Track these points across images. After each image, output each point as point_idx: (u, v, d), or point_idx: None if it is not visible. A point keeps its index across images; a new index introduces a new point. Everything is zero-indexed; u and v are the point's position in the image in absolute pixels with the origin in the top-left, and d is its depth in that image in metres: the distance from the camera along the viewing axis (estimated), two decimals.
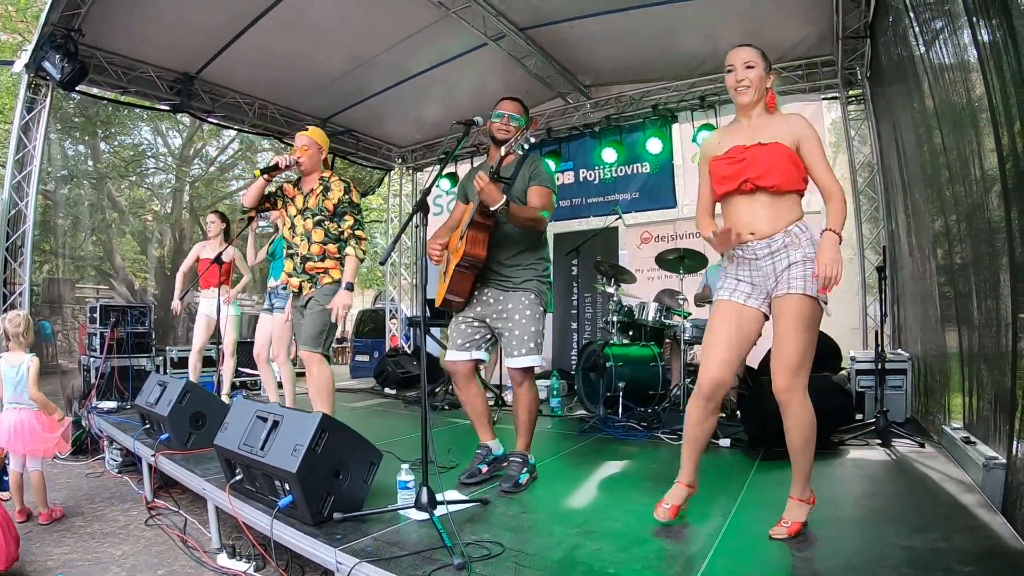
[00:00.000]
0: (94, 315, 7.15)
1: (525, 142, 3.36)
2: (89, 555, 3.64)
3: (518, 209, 3.42)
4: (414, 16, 6.75)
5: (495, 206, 3.27)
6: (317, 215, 4.28)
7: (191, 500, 4.43)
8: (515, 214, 3.39)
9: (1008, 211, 2.84)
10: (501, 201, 3.26)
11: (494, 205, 3.27)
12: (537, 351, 3.54)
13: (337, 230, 4.30)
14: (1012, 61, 2.47)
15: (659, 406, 6.00)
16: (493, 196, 3.26)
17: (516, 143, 3.37)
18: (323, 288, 4.25)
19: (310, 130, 4.49)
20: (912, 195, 5.38)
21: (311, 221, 4.29)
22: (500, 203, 3.26)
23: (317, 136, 4.46)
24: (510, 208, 3.33)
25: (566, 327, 9.87)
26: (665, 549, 2.65)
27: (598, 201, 9.57)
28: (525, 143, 3.36)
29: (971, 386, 3.96)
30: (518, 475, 3.55)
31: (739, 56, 2.80)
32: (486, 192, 3.25)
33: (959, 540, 2.67)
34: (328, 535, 2.76)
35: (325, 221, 4.28)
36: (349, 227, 4.29)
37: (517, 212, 3.40)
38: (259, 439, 3.08)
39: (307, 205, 4.32)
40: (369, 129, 10.49)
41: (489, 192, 3.25)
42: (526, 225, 3.48)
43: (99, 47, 7.02)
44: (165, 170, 18.33)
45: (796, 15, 6.71)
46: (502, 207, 3.28)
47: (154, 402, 4.66)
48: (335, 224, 4.30)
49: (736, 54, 2.81)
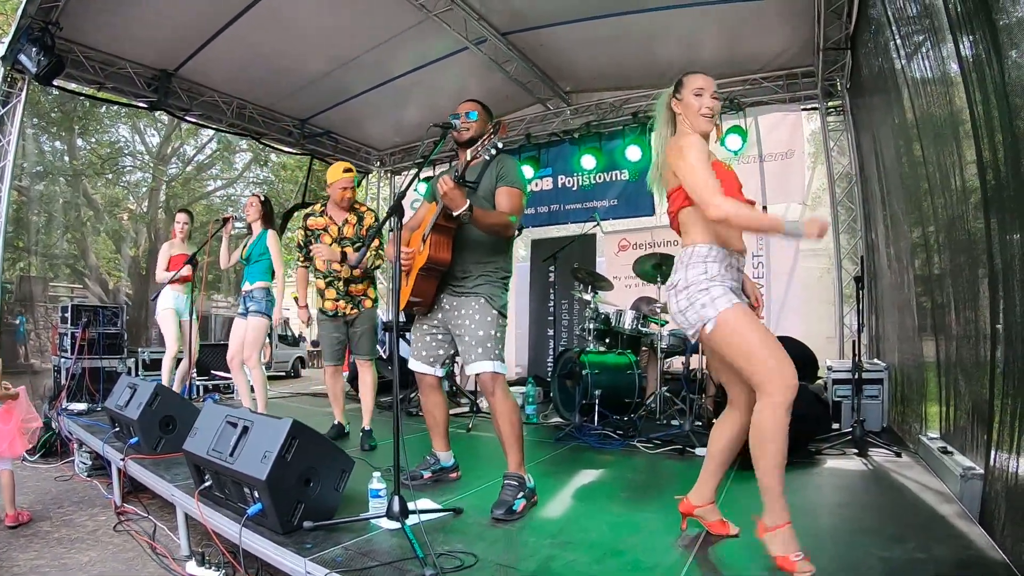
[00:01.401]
0: (66, 315, 7.04)
1: (492, 147, 3.24)
2: (56, 561, 3.55)
3: (483, 214, 3.28)
4: (395, 18, 6.71)
5: (458, 211, 3.13)
6: (356, 242, 4.90)
7: (161, 505, 4.34)
8: (480, 219, 3.24)
9: (988, 222, 2.84)
10: (464, 207, 3.12)
11: (457, 210, 3.13)
12: (488, 355, 3.36)
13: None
14: (996, 74, 2.47)
15: (635, 414, 5.97)
16: (456, 201, 3.11)
17: (484, 148, 3.26)
18: (367, 311, 5.11)
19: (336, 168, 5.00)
20: (891, 206, 5.41)
21: (351, 248, 4.88)
22: (463, 208, 3.12)
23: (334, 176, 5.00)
24: (474, 213, 3.18)
25: (542, 334, 9.83)
26: (640, 560, 2.61)
27: (576, 208, 9.59)
28: (492, 148, 3.24)
29: (948, 396, 3.98)
30: (512, 500, 3.21)
31: (713, 84, 2.79)
32: (449, 197, 3.11)
33: (938, 550, 2.67)
34: (298, 544, 2.70)
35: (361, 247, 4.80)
36: (375, 248, 4.88)
37: (482, 217, 3.26)
38: (228, 445, 3.01)
39: (344, 235, 4.95)
40: (348, 131, 10.43)
41: (452, 197, 3.11)
42: (492, 230, 3.38)
43: (77, 41, 6.93)
44: (142, 168, 18.14)
45: (777, 26, 6.76)
46: (465, 212, 3.13)
47: (124, 405, 4.56)
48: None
49: (712, 82, 2.80)
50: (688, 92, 2.79)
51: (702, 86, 2.78)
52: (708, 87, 2.78)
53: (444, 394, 3.84)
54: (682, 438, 5.07)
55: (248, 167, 19.51)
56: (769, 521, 2.47)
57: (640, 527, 3.09)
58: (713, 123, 2.79)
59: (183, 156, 18.85)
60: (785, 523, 2.43)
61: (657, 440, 5.14)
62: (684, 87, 2.81)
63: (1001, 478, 2.80)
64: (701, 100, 2.76)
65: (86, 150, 16.87)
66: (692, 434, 5.09)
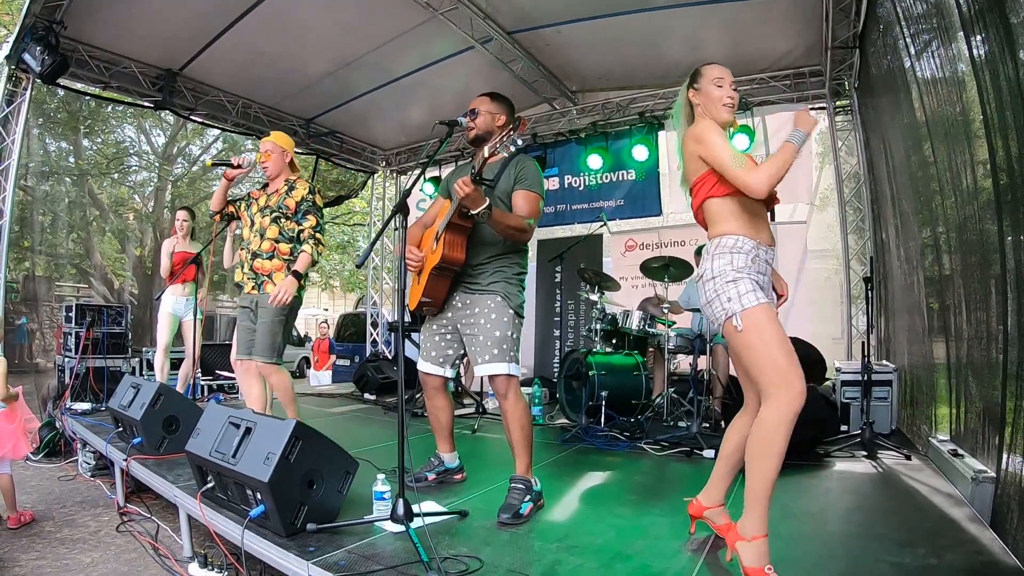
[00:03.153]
0: (70, 314, 7.02)
1: (512, 143, 3.08)
2: (58, 562, 3.53)
3: (502, 215, 3.18)
4: (400, 17, 6.69)
5: (476, 210, 3.02)
6: (275, 212, 4.29)
7: (164, 506, 4.30)
8: (498, 220, 3.14)
9: (1001, 222, 2.80)
10: (483, 206, 3.01)
11: (475, 210, 3.02)
12: (503, 357, 3.25)
13: (294, 230, 4.29)
14: (1009, 71, 2.43)
15: (642, 416, 5.94)
16: (476, 202, 3.00)
17: (502, 144, 3.12)
18: (266, 297, 4.18)
19: (272, 135, 4.53)
20: (900, 206, 5.36)
21: (268, 218, 4.29)
22: (482, 207, 3.01)
23: (280, 140, 4.50)
24: (493, 214, 3.08)
25: (548, 334, 9.81)
26: (649, 565, 2.57)
27: (583, 208, 9.54)
28: (512, 144, 3.09)
29: (958, 398, 3.94)
30: (519, 504, 3.14)
31: (729, 75, 2.76)
32: (470, 198, 2.98)
33: (950, 556, 2.62)
34: (301, 547, 2.67)
35: (282, 218, 4.28)
36: (311, 227, 4.29)
37: (501, 219, 3.15)
38: (231, 446, 2.97)
39: (268, 203, 4.34)
40: (353, 131, 10.41)
41: (473, 198, 2.99)
42: (508, 233, 3.25)
43: (81, 40, 6.92)
44: (147, 168, 18.17)
45: (784, 25, 6.71)
46: (484, 211, 3.02)
47: (127, 405, 4.53)
48: (293, 223, 4.30)
49: (727, 71, 2.77)
50: (707, 82, 2.74)
51: (721, 75, 2.73)
52: (727, 77, 2.73)
53: (450, 397, 3.77)
54: (689, 440, 5.02)
55: (254, 167, 19.46)
56: (748, 531, 2.39)
57: (647, 531, 3.05)
58: (733, 114, 2.73)
59: (189, 156, 18.87)
60: (764, 535, 2.36)
61: (664, 442, 5.10)
62: (703, 77, 2.76)
63: (1014, 481, 2.76)
64: (722, 90, 2.71)
65: (92, 150, 16.91)
66: (700, 436, 5.04)
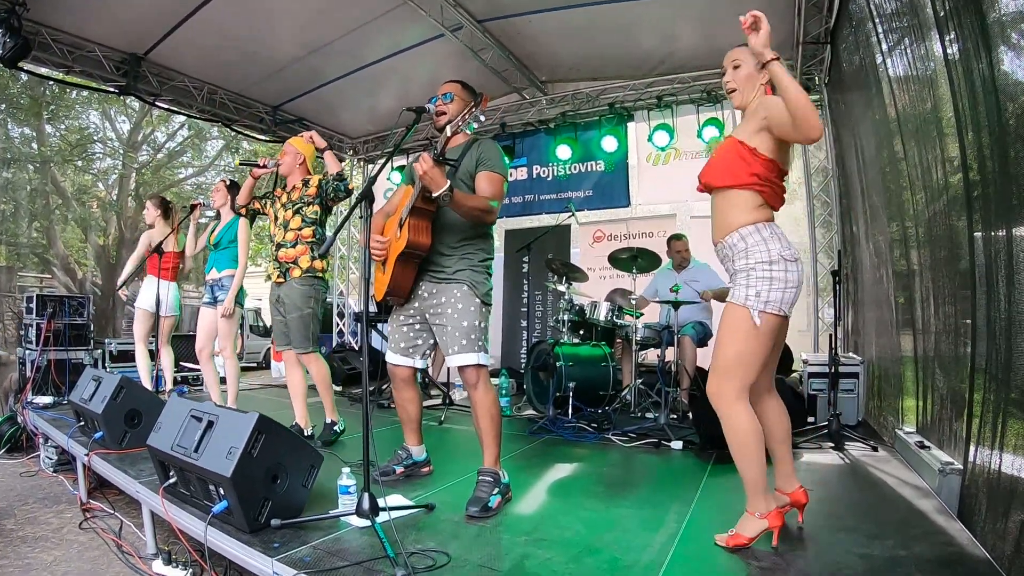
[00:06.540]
0: (31, 305, 6.85)
1: (474, 120, 3.06)
2: (20, 561, 3.45)
3: (464, 197, 3.15)
4: (370, 2, 6.58)
5: (437, 192, 2.99)
6: (297, 203, 4.66)
7: (128, 502, 4.21)
8: (460, 202, 3.11)
9: (971, 217, 2.82)
10: (444, 187, 2.98)
11: (436, 190, 2.99)
12: (472, 347, 3.24)
13: (317, 212, 4.67)
14: (984, 69, 2.43)
15: (610, 407, 5.94)
16: (436, 181, 2.97)
17: (464, 122, 3.08)
18: (293, 283, 4.58)
19: (292, 139, 4.92)
20: (870, 200, 5.41)
21: (291, 211, 4.65)
22: (443, 188, 2.98)
23: (298, 144, 4.84)
24: (454, 195, 3.05)
25: (516, 325, 9.79)
26: (618, 558, 2.55)
27: (551, 198, 9.53)
28: (474, 121, 3.06)
29: (925, 390, 3.98)
30: (487, 497, 3.14)
31: (728, 57, 2.77)
32: (428, 176, 2.96)
33: (918, 547, 2.64)
34: (265, 543, 2.62)
35: (303, 207, 4.64)
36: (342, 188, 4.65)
37: (463, 200, 3.13)
38: (193, 440, 2.91)
39: (290, 199, 4.71)
40: (321, 119, 10.22)
41: (432, 176, 2.97)
42: (472, 215, 3.23)
43: (44, 23, 6.69)
44: (112, 155, 17.78)
45: None
46: (445, 193, 2.99)
47: (88, 398, 4.41)
48: (316, 206, 4.67)
49: (727, 55, 2.77)
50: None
51: (722, 65, 2.78)
52: (724, 62, 2.78)
53: (419, 388, 3.74)
54: (657, 431, 5.04)
55: (220, 155, 19.21)
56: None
57: (616, 523, 3.04)
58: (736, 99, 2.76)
59: (154, 143, 18.51)
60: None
61: (632, 433, 5.11)
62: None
63: (981, 473, 2.79)
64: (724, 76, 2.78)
65: (55, 136, 16.52)
66: (667, 427, 5.06)
